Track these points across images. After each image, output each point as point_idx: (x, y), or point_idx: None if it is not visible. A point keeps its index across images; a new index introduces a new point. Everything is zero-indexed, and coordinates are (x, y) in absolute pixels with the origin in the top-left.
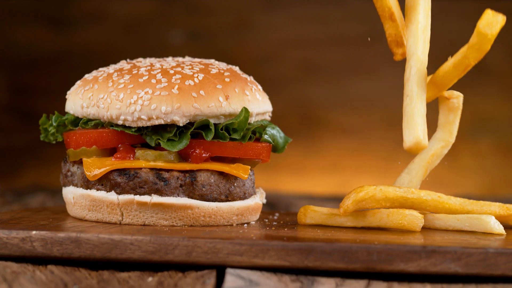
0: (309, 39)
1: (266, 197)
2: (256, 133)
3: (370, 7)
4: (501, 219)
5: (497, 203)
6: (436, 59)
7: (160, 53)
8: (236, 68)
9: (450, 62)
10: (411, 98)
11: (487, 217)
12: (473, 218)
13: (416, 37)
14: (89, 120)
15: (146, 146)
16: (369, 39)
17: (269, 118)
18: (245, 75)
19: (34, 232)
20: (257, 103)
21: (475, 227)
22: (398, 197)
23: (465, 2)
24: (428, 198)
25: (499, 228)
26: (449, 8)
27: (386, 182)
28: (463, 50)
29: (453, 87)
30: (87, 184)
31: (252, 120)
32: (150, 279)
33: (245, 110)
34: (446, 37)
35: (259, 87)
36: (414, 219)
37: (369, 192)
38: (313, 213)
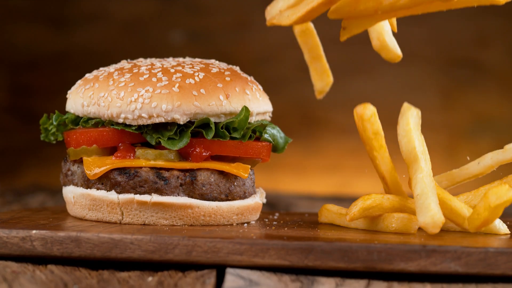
0: None
1: (266, 197)
2: (256, 132)
3: None
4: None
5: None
6: (436, 59)
7: (160, 53)
8: (237, 68)
9: (454, 203)
10: (421, 194)
11: None
12: None
13: (423, 183)
14: (90, 118)
15: (147, 145)
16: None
17: (269, 118)
18: (245, 75)
19: (34, 231)
20: (257, 102)
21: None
22: (404, 206)
23: None
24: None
25: (503, 228)
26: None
27: None
28: (473, 211)
29: (453, 86)
30: (87, 183)
31: (252, 119)
32: (150, 278)
33: (246, 109)
34: (446, 37)
35: (260, 87)
36: (407, 222)
37: (376, 200)
38: (326, 212)
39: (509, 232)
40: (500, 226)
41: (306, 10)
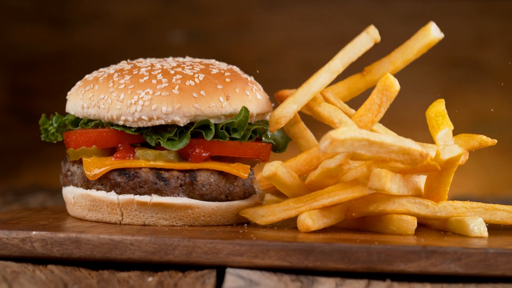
0: (309, 39)
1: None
2: (257, 133)
3: (370, 7)
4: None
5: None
6: (436, 59)
7: (160, 53)
8: (237, 69)
9: None
10: None
11: (468, 220)
12: (458, 220)
13: None
14: (90, 120)
15: (146, 145)
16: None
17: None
18: (245, 75)
19: (34, 232)
20: (257, 103)
21: (458, 229)
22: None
23: (465, 2)
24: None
25: (478, 232)
26: (449, 8)
27: None
28: None
29: (453, 86)
30: (87, 184)
31: (252, 120)
32: (150, 279)
33: (245, 109)
34: (446, 37)
35: (260, 87)
36: (403, 223)
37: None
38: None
39: (485, 235)
40: (474, 229)
41: (281, 218)
